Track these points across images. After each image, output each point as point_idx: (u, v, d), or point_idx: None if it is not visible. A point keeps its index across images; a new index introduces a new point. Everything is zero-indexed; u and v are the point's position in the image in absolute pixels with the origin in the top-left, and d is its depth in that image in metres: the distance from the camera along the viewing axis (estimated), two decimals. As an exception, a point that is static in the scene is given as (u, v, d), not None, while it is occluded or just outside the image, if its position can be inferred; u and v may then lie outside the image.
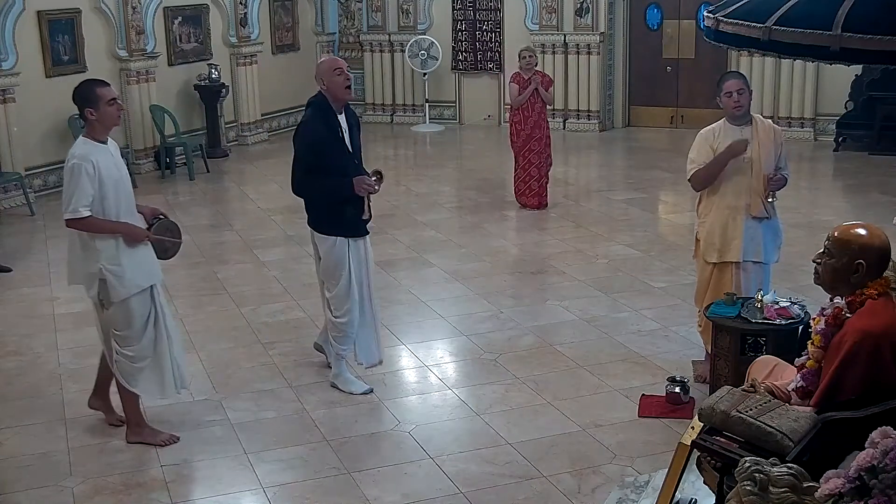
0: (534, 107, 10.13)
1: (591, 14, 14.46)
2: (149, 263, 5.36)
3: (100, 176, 5.13)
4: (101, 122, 5.22)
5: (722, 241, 5.86)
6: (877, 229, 3.98)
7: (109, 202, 5.18)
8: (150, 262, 5.37)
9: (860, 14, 3.70)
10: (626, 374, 6.24)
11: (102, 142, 5.26)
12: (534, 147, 10.21)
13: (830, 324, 3.97)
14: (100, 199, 5.15)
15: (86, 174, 5.09)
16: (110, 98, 5.21)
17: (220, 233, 10.05)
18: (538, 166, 10.30)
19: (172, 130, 12.61)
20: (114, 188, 5.20)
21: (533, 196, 10.38)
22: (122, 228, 5.22)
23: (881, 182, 11.34)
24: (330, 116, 5.79)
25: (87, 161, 5.10)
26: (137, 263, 5.28)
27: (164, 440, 5.47)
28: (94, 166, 5.11)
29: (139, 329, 5.35)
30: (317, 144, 5.75)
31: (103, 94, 5.19)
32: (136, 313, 5.32)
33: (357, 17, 16.09)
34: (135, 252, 5.27)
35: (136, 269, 5.27)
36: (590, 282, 8.07)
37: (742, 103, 5.78)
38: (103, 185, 5.15)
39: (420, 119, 15.76)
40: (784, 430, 3.76)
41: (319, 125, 5.77)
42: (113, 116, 5.24)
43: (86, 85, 5.29)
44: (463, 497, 4.88)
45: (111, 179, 5.19)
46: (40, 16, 11.34)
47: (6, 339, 7.13)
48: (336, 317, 6.01)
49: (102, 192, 5.15)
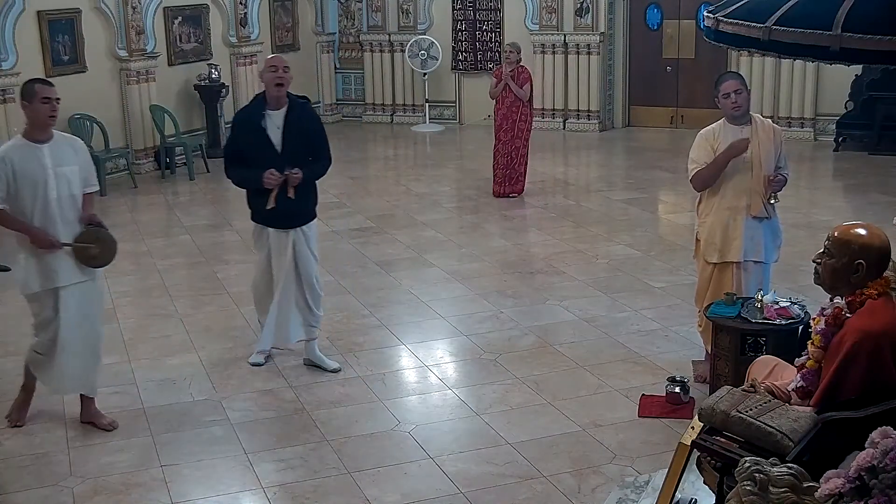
0: (504, 100, 10.75)
1: (591, 14, 14.46)
2: (55, 268, 5.39)
3: (14, 174, 5.24)
4: (32, 119, 5.34)
5: (722, 241, 5.86)
6: (877, 229, 3.98)
7: (24, 202, 5.30)
8: (58, 267, 5.40)
9: (860, 14, 3.70)
10: (626, 374, 6.24)
11: (40, 141, 5.32)
12: (502, 137, 10.83)
13: (830, 324, 3.97)
14: (14, 197, 5.28)
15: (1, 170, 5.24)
16: (44, 96, 5.29)
17: (220, 233, 10.05)
18: (505, 156, 10.83)
19: (172, 130, 12.62)
20: (31, 189, 5.28)
21: (497, 184, 10.93)
22: (29, 231, 5.33)
23: (881, 182, 11.34)
24: (257, 109, 6.13)
25: (2, 158, 5.26)
26: (42, 266, 5.37)
27: (14, 421, 5.69)
28: (9, 163, 5.24)
29: (42, 323, 5.53)
30: (233, 129, 6.29)
31: (39, 90, 5.30)
32: (34, 310, 5.53)
33: (357, 17, 16.09)
34: (43, 255, 5.35)
35: (40, 271, 5.38)
36: (590, 282, 8.07)
37: (740, 104, 5.78)
38: (18, 185, 5.25)
39: (420, 119, 15.75)
40: (784, 430, 3.76)
41: (242, 115, 6.36)
42: (42, 114, 5.31)
43: (29, 81, 5.45)
44: (463, 497, 4.88)
45: (28, 180, 5.27)
46: (40, 16, 11.34)
47: (6, 339, 7.13)
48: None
49: (17, 191, 5.26)
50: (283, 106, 6.09)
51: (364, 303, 7.69)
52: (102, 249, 5.53)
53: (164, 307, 7.75)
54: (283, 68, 6.05)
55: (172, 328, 7.28)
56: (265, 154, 6.05)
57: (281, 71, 6.03)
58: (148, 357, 6.73)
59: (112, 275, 8.30)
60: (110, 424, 5.68)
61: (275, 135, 6.06)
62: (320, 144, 6.26)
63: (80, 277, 5.49)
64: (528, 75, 10.72)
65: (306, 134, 6.15)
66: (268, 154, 6.05)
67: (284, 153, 6.06)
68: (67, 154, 5.42)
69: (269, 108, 6.09)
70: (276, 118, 6.07)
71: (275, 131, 6.06)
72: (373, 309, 7.55)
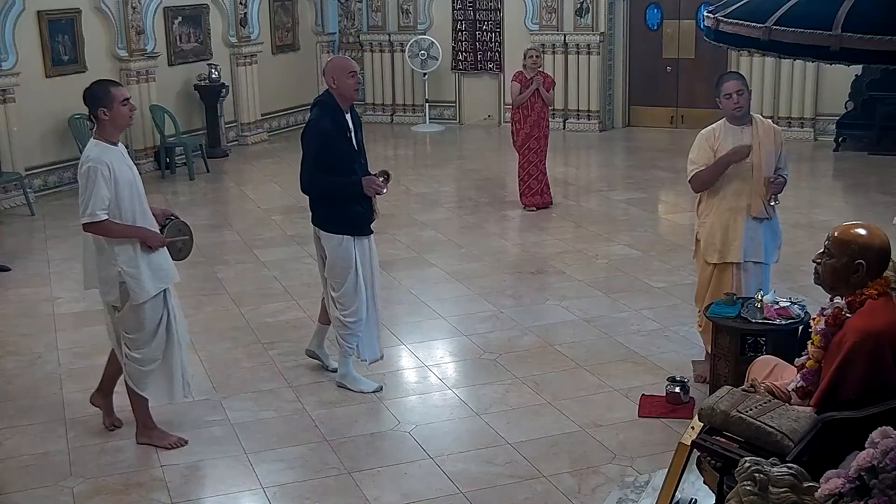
0: (533, 106, 10.12)
1: (591, 14, 14.46)
2: (165, 266, 5.33)
3: (115, 178, 5.09)
4: (113, 123, 5.17)
5: (723, 241, 5.86)
6: (877, 229, 3.98)
7: (125, 204, 5.14)
8: (167, 264, 5.35)
9: (860, 14, 3.70)
10: (626, 374, 6.24)
11: (114, 143, 5.21)
12: (532, 146, 10.21)
13: (830, 324, 3.96)
14: (116, 202, 5.10)
15: (101, 177, 5.04)
16: (124, 98, 5.18)
17: (220, 233, 10.05)
18: (537, 165, 10.29)
19: (172, 130, 12.61)
20: (128, 190, 5.17)
21: (533, 195, 10.36)
22: (139, 233, 5.18)
23: (881, 182, 11.34)
24: (337, 115, 5.83)
25: (103, 164, 5.06)
26: (154, 267, 5.25)
27: (172, 443, 5.44)
28: (110, 169, 5.07)
29: (150, 332, 5.31)
30: (326, 141, 5.78)
31: (117, 94, 5.16)
32: (149, 316, 5.28)
33: (357, 17, 16.09)
34: (152, 256, 5.24)
35: (154, 273, 5.25)
36: (590, 282, 8.07)
37: (742, 104, 5.78)
38: (119, 188, 5.11)
39: (420, 119, 15.76)
40: (784, 430, 3.76)
41: (328, 122, 5.81)
42: (125, 117, 5.20)
43: (99, 84, 5.24)
44: (463, 497, 4.88)
45: (125, 181, 5.15)
46: (40, 16, 11.34)
47: (6, 339, 7.13)
48: (345, 315, 6.00)
49: (118, 195, 5.11)
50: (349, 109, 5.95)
51: (364, 303, 7.68)
52: (186, 241, 5.57)
53: (164, 307, 7.75)
54: (359, 71, 5.92)
55: (172, 328, 7.28)
56: (351, 159, 5.86)
57: (358, 76, 5.90)
58: (148, 357, 6.73)
59: (112, 275, 8.31)
60: (112, 425, 5.67)
61: (352, 138, 5.91)
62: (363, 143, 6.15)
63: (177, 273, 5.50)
64: (552, 80, 10.43)
65: (361, 133, 6.04)
66: (353, 158, 5.87)
67: (361, 155, 5.96)
68: (127, 153, 5.38)
69: (341, 109, 5.86)
70: (349, 121, 5.91)
71: (351, 134, 5.91)
72: (373, 309, 7.55)
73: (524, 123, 10.20)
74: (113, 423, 5.67)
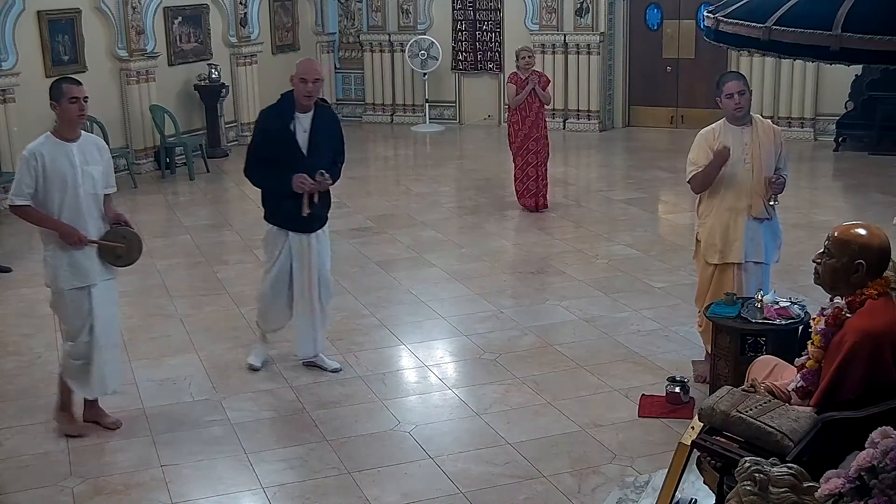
0: (531, 107, 10.07)
1: (591, 14, 14.46)
2: (85, 266, 5.43)
3: (44, 170, 5.28)
4: (62, 118, 5.37)
5: (723, 242, 5.85)
6: (877, 229, 3.98)
7: (53, 197, 5.32)
8: (87, 265, 5.43)
9: (860, 14, 3.70)
10: (626, 374, 6.24)
11: (69, 139, 5.36)
12: (531, 147, 10.16)
13: (830, 324, 3.96)
14: (43, 193, 5.31)
15: (28, 166, 5.29)
16: (72, 96, 5.32)
17: (220, 233, 10.05)
18: (536, 166, 10.23)
19: (172, 130, 12.61)
20: (60, 185, 5.32)
21: (530, 196, 10.31)
22: (57, 227, 5.35)
23: (881, 182, 11.34)
24: (287, 111, 6.06)
25: (33, 155, 5.29)
26: (73, 264, 5.40)
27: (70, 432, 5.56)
28: (39, 160, 5.27)
29: (76, 329, 5.51)
30: (264, 136, 6.11)
31: (67, 90, 5.33)
32: (71, 312, 5.48)
33: (357, 17, 16.09)
34: (74, 253, 5.38)
35: (71, 269, 5.41)
36: (590, 282, 8.06)
37: (742, 104, 5.77)
38: (48, 181, 5.30)
39: (420, 119, 15.76)
40: (784, 430, 3.76)
41: (270, 118, 6.16)
42: (72, 114, 5.34)
43: (57, 81, 5.49)
44: (463, 497, 4.88)
45: (58, 177, 5.31)
46: (40, 16, 11.34)
47: (6, 339, 7.13)
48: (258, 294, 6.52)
49: (46, 187, 5.31)
50: (311, 109, 6.07)
51: (364, 303, 7.69)
52: (128, 248, 5.58)
53: (164, 307, 7.75)
54: (314, 81, 6.00)
55: (172, 328, 7.28)
56: (291, 157, 6.01)
57: (311, 85, 5.99)
58: (148, 357, 6.73)
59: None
60: (114, 424, 5.69)
61: (302, 138, 6.05)
62: (340, 149, 6.28)
63: (108, 275, 5.56)
64: (547, 78, 10.39)
65: (330, 138, 6.17)
66: (294, 157, 6.02)
67: (310, 157, 6.05)
68: (93, 153, 5.47)
69: (298, 110, 6.05)
70: (304, 121, 6.06)
71: (302, 134, 6.05)
72: (373, 309, 7.55)
73: (523, 124, 10.14)
74: (115, 423, 5.68)
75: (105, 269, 5.53)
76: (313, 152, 6.06)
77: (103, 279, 5.52)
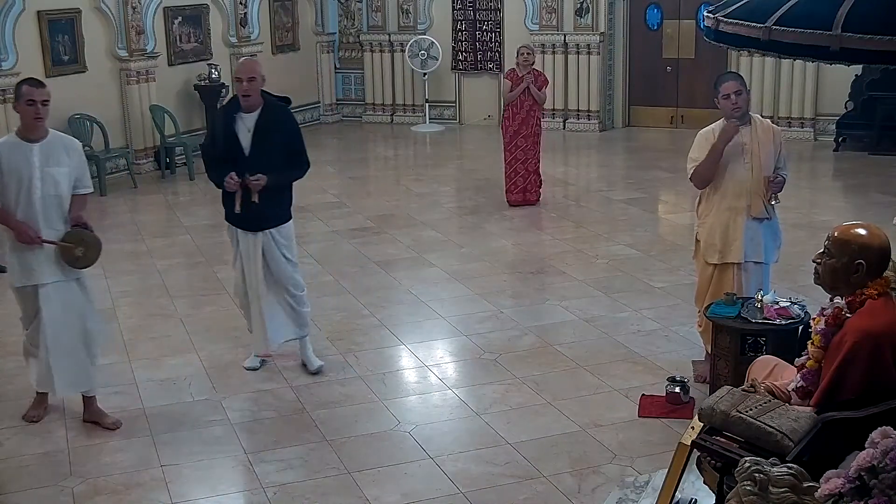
0: (523, 104, 10.21)
1: (591, 14, 14.46)
2: (33, 266, 5.46)
3: (0, 169, 5.34)
4: (21, 119, 5.44)
5: (723, 242, 5.85)
6: (877, 229, 3.98)
7: (9, 197, 5.40)
8: (35, 264, 5.46)
9: (860, 14, 3.70)
10: (626, 374, 6.24)
11: (31, 140, 5.39)
12: (520, 144, 10.30)
13: (830, 324, 3.97)
14: (2, 191, 5.38)
15: None
16: (29, 98, 5.35)
17: (220, 233, 9.94)
18: (524, 163, 10.38)
19: (172, 130, 12.62)
20: (16, 184, 5.37)
21: (518, 192, 10.46)
22: (8, 223, 5.42)
23: (881, 182, 11.33)
24: (231, 110, 6.11)
25: None
26: (23, 262, 5.47)
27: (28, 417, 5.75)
28: None
29: (27, 320, 5.65)
30: (212, 132, 6.34)
31: (24, 92, 5.38)
32: (22, 306, 5.62)
33: (357, 17, 16.09)
34: (25, 251, 5.43)
35: (21, 267, 5.48)
36: (590, 282, 8.06)
37: (740, 105, 5.77)
38: (4, 178, 5.36)
39: (420, 119, 15.76)
40: (784, 430, 3.76)
41: (219, 114, 6.36)
42: (27, 115, 5.38)
43: (20, 82, 5.55)
44: (463, 497, 4.88)
45: (13, 176, 5.36)
46: (40, 16, 11.34)
47: (6, 339, 7.12)
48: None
49: (3, 184, 5.37)
50: (256, 108, 6.02)
51: (364, 303, 7.69)
52: (87, 250, 5.54)
53: (164, 307, 7.75)
54: (248, 79, 5.94)
55: (172, 328, 7.28)
56: (234, 156, 6.01)
57: (245, 84, 5.95)
58: (148, 357, 6.73)
59: (112, 275, 8.32)
60: (114, 424, 5.69)
61: (244, 137, 6.01)
62: (295, 149, 6.14)
63: (61, 277, 5.50)
64: (545, 78, 10.48)
65: (278, 138, 6.05)
66: (236, 156, 6.01)
67: (252, 156, 6.00)
68: (58, 155, 5.45)
69: (242, 110, 6.03)
70: (248, 121, 6.01)
71: (245, 134, 6.01)
72: (373, 309, 7.55)
73: (513, 121, 10.30)
74: (115, 423, 5.69)
75: (62, 270, 5.49)
76: (255, 152, 6.00)
77: (54, 280, 5.48)
